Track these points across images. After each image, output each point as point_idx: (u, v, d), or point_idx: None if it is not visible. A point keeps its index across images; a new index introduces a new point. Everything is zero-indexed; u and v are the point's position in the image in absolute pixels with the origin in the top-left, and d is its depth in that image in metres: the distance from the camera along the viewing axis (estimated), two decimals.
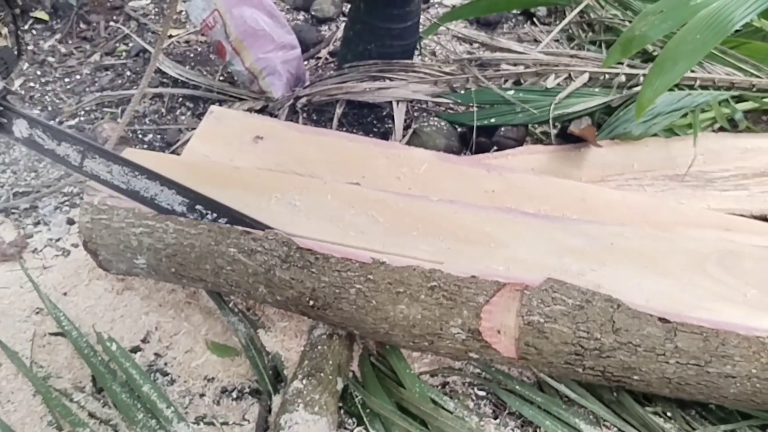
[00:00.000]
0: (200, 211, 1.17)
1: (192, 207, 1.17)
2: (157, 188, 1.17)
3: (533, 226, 1.23)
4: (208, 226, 1.15)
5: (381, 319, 1.12)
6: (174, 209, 1.17)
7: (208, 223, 1.15)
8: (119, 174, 1.18)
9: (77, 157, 1.18)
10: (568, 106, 1.64)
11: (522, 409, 1.14)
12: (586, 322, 1.05)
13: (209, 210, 1.16)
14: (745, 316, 1.06)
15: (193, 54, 2.12)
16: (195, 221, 1.16)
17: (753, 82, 1.72)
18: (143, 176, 1.17)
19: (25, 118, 1.18)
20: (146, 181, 1.17)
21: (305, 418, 1.03)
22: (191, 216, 1.17)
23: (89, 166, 1.18)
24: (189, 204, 1.17)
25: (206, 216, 1.16)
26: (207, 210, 1.16)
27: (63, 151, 1.19)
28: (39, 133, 1.18)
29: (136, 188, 1.18)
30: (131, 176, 1.17)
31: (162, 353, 1.23)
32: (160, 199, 1.18)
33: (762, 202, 1.42)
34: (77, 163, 1.19)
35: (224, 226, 1.14)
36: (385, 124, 1.80)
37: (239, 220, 1.15)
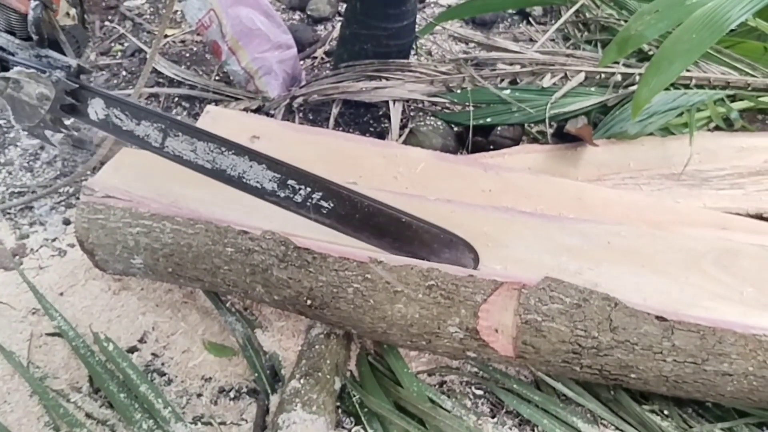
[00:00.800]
0: (292, 187, 1.10)
1: (284, 182, 1.10)
2: (246, 164, 1.10)
3: (530, 225, 1.23)
4: (206, 225, 1.15)
5: (379, 319, 1.12)
6: (263, 186, 1.11)
7: (205, 223, 1.15)
8: (204, 152, 1.11)
9: (158, 136, 1.11)
10: (564, 105, 1.65)
11: (520, 407, 1.14)
12: (583, 320, 1.05)
13: (303, 184, 1.10)
14: (741, 314, 1.07)
15: (189, 54, 2.11)
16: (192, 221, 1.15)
17: (748, 82, 1.72)
18: (231, 152, 1.10)
19: (101, 97, 1.10)
20: (234, 157, 1.10)
21: (303, 418, 1.03)
22: (282, 193, 1.11)
23: (171, 146, 1.11)
24: (281, 179, 1.10)
25: (299, 191, 1.10)
26: (300, 185, 1.10)
27: (143, 132, 1.11)
28: (117, 113, 1.10)
29: (223, 166, 1.11)
30: (217, 153, 1.10)
31: (159, 353, 1.23)
32: (248, 177, 1.11)
33: (758, 200, 1.43)
34: (158, 144, 1.11)
35: (221, 225, 1.13)
36: (381, 124, 1.80)
37: (336, 192, 1.10)
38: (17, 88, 1.07)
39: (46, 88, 1.07)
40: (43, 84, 1.06)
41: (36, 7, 1.04)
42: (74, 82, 1.09)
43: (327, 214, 1.13)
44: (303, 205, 1.12)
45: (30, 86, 1.07)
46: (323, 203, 1.12)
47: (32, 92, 1.07)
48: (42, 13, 1.05)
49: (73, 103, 1.10)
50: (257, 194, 1.13)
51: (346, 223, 1.13)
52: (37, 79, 1.06)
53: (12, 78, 1.07)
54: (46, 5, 1.06)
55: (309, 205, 1.12)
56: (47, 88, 1.07)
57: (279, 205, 1.13)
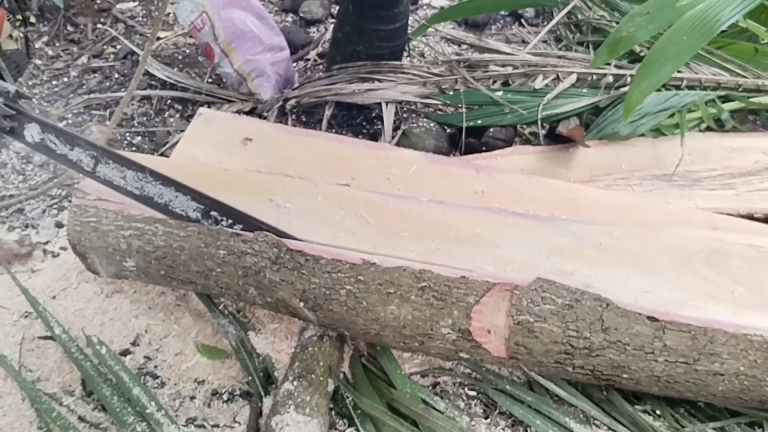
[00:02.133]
0: (215, 218, 1.15)
1: (207, 213, 1.15)
2: (172, 194, 1.15)
3: (522, 226, 1.23)
4: (198, 228, 1.15)
5: (372, 320, 1.12)
6: (188, 215, 1.15)
7: (197, 225, 1.15)
8: (133, 179, 1.15)
9: (90, 162, 1.15)
10: (556, 106, 1.65)
11: (512, 408, 1.15)
12: (575, 321, 1.05)
13: (224, 216, 1.14)
14: (732, 314, 1.07)
15: (182, 56, 2.11)
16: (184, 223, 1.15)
17: (739, 82, 1.73)
18: (158, 182, 1.15)
19: (37, 123, 1.15)
20: (160, 186, 1.15)
21: (296, 420, 1.03)
22: (205, 222, 1.15)
23: (102, 172, 1.16)
24: (204, 210, 1.15)
25: (221, 222, 1.14)
26: (222, 216, 1.14)
27: (76, 156, 1.16)
28: (51, 138, 1.15)
29: (150, 194, 1.15)
30: (145, 182, 1.15)
31: (152, 356, 1.23)
32: (174, 206, 1.15)
33: (748, 201, 1.43)
34: (90, 169, 1.16)
35: (213, 228, 1.14)
36: (374, 126, 1.81)
37: (255, 227, 1.14)
38: None
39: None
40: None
41: None
42: (12, 108, 1.12)
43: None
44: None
45: None
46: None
47: None
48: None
49: (11, 125, 1.14)
50: (183, 221, 1.17)
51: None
52: None
53: None
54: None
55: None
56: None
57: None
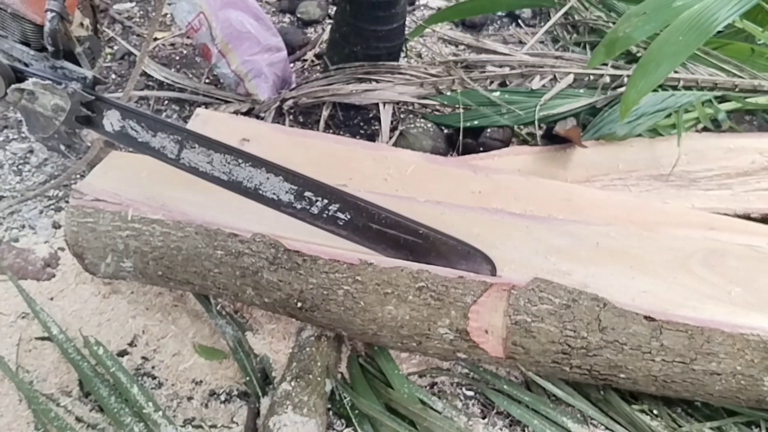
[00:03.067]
0: (309, 198, 1.10)
1: (300, 194, 1.10)
2: (263, 176, 1.10)
3: (520, 226, 1.24)
4: (195, 228, 1.14)
5: (369, 321, 1.12)
6: (280, 198, 1.11)
7: (195, 226, 1.14)
8: (220, 164, 1.10)
9: (174, 148, 1.10)
10: (553, 107, 1.66)
11: (510, 408, 1.15)
12: (572, 321, 1.05)
13: (320, 196, 1.10)
14: (729, 313, 1.08)
15: (179, 57, 2.11)
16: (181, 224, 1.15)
17: (735, 83, 1.74)
18: (247, 164, 1.10)
19: (117, 109, 1.10)
20: (250, 169, 1.10)
21: (294, 420, 1.03)
22: (298, 204, 1.10)
23: (187, 158, 1.11)
24: (297, 191, 1.10)
25: (315, 203, 1.10)
26: (317, 196, 1.10)
27: (159, 143, 1.11)
28: (132, 125, 1.10)
29: (239, 178, 1.11)
30: (234, 165, 1.10)
31: (149, 357, 1.23)
32: (265, 189, 1.11)
33: (745, 201, 1.44)
34: (174, 155, 1.11)
35: (211, 228, 1.13)
36: (371, 126, 1.81)
37: (353, 204, 1.10)
38: (32, 99, 1.06)
39: (62, 100, 1.06)
40: (58, 95, 1.05)
41: (53, 18, 1.03)
42: (90, 94, 1.08)
43: (343, 226, 1.13)
44: (319, 216, 1.12)
45: (45, 97, 1.06)
46: (340, 215, 1.12)
47: (47, 103, 1.06)
48: (58, 25, 1.04)
49: (89, 114, 1.09)
50: (273, 206, 1.12)
51: (363, 234, 1.13)
52: (53, 91, 1.05)
53: (27, 89, 1.06)
54: (63, 17, 1.04)
55: (325, 217, 1.12)
56: (62, 100, 1.06)
57: (295, 216, 1.13)
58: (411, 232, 1.12)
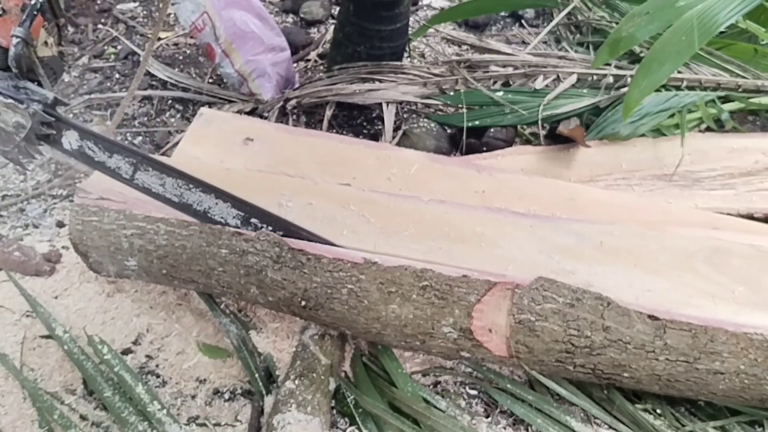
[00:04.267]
0: (255, 225, 1.14)
1: (247, 220, 1.15)
2: (212, 201, 1.14)
3: (523, 225, 1.24)
4: (200, 227, 1.15)
5: (373, 319, 1.12)
6: (227, 222, 1.15)
7: (199, 224, 1.15)
8: (172, 187, 1.14)
9: (129, 169, 1.14)
10: (556, 107, 1.66)
11: (513, 407, 1.15)
12: (576, 320, 1.05)
13: (264, 223, 1.14)
14: (733, 313, 1.08)
15: (183, 56, 2.11)
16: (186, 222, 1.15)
17: (739, 83, 1.74)
18: (198, 189, 1.14)
19: (75, 130, 1.13)
20: (200, 194, 1.14)
21: (298, 419, 1.03)
22: (244, 230, 1.14)
23: (141, 179, 1.14)
24: (244, 217, 1.15)
25: (260, 229, 1.14)
26: (263, 224, 1.14)
27: (114, 164, 1.14)
28: (90, 145, 1.13)
29: (189, 201, 1.15)
30: (185, 189, 1.14)
31: (153, 355, 1.23)
32: (213, 213, 1.15)
33: (748, 200, 1.44)
34: (128, 176, 1.14)
35: (215, 226, 1.14)
36: (375, 126, 1.81)
37: (297, 234, 1.14)
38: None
39: (23, 119, 1.08)
40: (20, 114, 1.08)
41: (18, 44, 1.06)
42: (50, 115, 1.11)
43: None
44: None
45: (7, 114, 1.08)
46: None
47: (9, 120, 1.09)
48: (23, 50, 1.08)
49: (49, 132, 1.12)
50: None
51: None
52: (14, 109, 1.08)
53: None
54: (27, 42, 1.08)
55: None
56: (24, 119, 1.08)
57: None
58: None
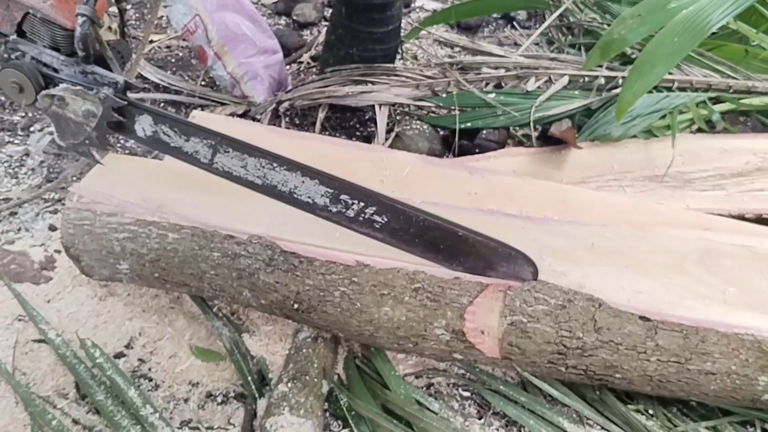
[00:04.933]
0: (345, 201, 1.09)
1: (336, 197, 1.09)
2: (298, 180, 1.08)
3: (515, 227, 1.24)
4: (192, 230, 1.15)
5: (365, 322, 1.12)
6: (315, 201, 1.10)
7: (191, 228, 1.15)
8: (254, 168, 1.08)
9: (208, 152, 1.08)
10: (548, 108, 1.66)
11: (506, 408, 1.15)
12: (568, 321, 1.06)
13: (356, 199, 1.09)
14: (724, 313, 1.08)
15: (175, 59, 2.11)
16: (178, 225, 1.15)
17: (730, 84, 1.75)
18: (282, 167, 1.08)
19: (149, 114, 1.08)
20: (285, 173, 1.08)
21: (291, 422, 1.03)
22: (334, 208, 1.09)
23: (220, 162, 1.09)
24: (333, 194, 1.09)
25: (351, 206, 1.09)
26: (353, 199, 1.09)
27: (192, 148, 1.09)
28: (165, 129, 1.08)
29: (274, 182, 1.09)
30: (268, 169, 1.08)
31: (146, 359, 1.23)
32: (299, 192, 1.09)
33: (740, 201, 1.44)
34: (207, 160, 1.09)
35: (207, 230, 1.13)
36: (367, 128, 1.81)
37: (390, 207, 1.09)
38: (62, 105, 1.05)
39: (93, 105, 1.05)
40: (89, 101, 1.04)
41: (84, 22, 1.01)
42: (122, 99, 1.06)
43: (380, 229, 1.11)
44: (355, 219, 1.11)
45: (76, 103, 1.05)
46: (376, 218, 1.10)
47: (78, 109, 1.05)
48: (89, 29, 1.02)
49: (120, 119, 1.08)
50: (308, 209, 1.11)
51: (400, 237, 1.12)
52: (84, 96, 1.04)
53: (58, 95, 1.05)
54: (94, 21, 1.02)
55: (361, 220, 1.11)
56: (94, 105, 1.05)
57: (330, 219, 1.11)
58: (450, 234, 1.11)
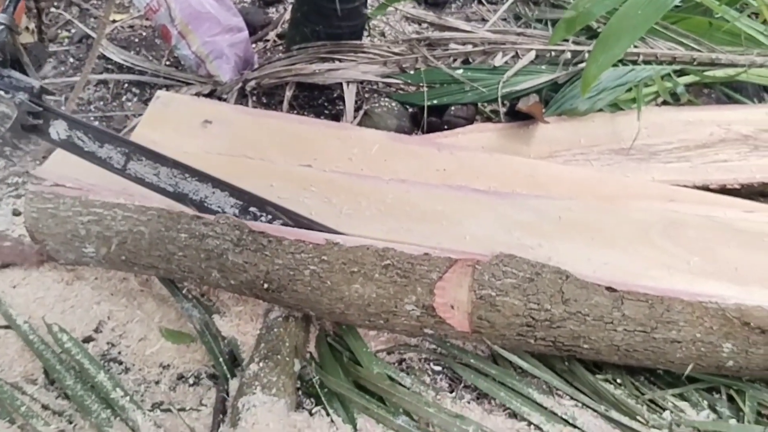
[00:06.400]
0: (254, 213, 1.13)
1: (245, 209, 1.14)
2: (208, 190, 1.13)
3: (484, 202, 1.25)
4: (158, 211, 1.13)
5: (336, 299, 1.12)
6: (225, 212, 1.14)
7: (157, 209, 1.13)
8: (167, 176, 1.13)
9: (121, 159, 1.12)
10: (516, 83, 1.67)
11: (477, 381, 1.16)
12: (536, 294, 1.07)
13: (264, 212, 1.13)
14: (688, 282, 1.10)
15: (138, 39, 2.07)
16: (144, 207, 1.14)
17: (694, 56, 1.76)
18: (194, 178, 1.13)
19: (64, 119, 1.11)
20: (196, 183, 1.13)
21: (263, 401, 1.03)
22: (242, 218, 1.13)
23: (133, 169, 1.13)
24: (242, 206, 1.14)
25: (260, 218, 1.13)
26: (261, 212, 1.13)
27: (105, 154, 1.13)
28: (79, 135, 1.11)
29: (185, 191, 1.13)
30: (180, 178, 1.13)
31: (115, 342, 1.22)
32: (210, 202, 1.14)
33: (704, 172, 1.46)
34: (120, 166, 1.13)
35: (174, 211, 1.13)
36: (336, 106, 1.80)
37: (298, 221, 1.13)
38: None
39: (8, 108, 1.06)
40: (5, 104, 1.06)
41: (1, 31, 1.04)
42: (37, 104, 1.08)
43: None
44: None
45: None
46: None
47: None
48: (7, 37, 1.05)
49: (35, 123, 1.09)
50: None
51: None
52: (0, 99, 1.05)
53: None
54: (12, 29, 1.06)
55: None
56: (9, 109, 1.06)
57: None
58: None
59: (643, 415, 1.11)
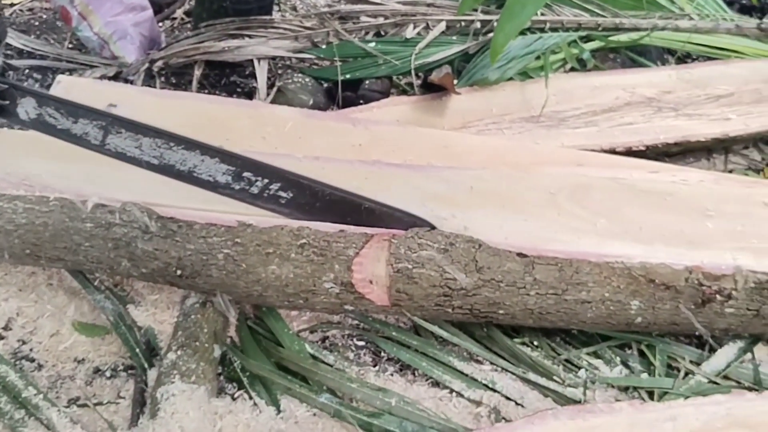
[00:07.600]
0: (248, 179, 1.08)
1: (239, 175, 1.07)
2: (197, 159, 1.06)
3: (398, 176, 1.26)
4: (60, 201, 1.09)
5: (253, 282, 1.11)
6: (216, 180, 1.08)
7: (59, 199, 1.09)
8: (150, 148, 1.05)
9: (98, 134, 1.04)
10: (428, 55, 1.67)
11: (399, 354, 1.18)
12: (451, 264, 1.08)
13: (259, 176, 1.07)
14: (595, 244, 1.14)
15: (39, 22, 1.99)
16: (45, 198, 1.09)
17: (599, 22, 1.81)
18: (180, 147, 1.05)
19: (33, 96, 1.03)
20: (183, 152, 1.06)
21: (182, 389, 1.02)
22: (236, 185, 1.08)
23: (113, 143, 1.05)
24: (235, 172, 1.07)
25: (255, 183, 1.08)
26: (257, 176, 1.07)
27: (81, 130, 1.05)
28: (50, 111, 1.04)
29: (171, 162, 1.06)
30: (165, 149, 1.05)
31: (26, 339, 1.17)
32: (200, 171, 1.07)
33: (610, 136, 1.51)
34: (98, 142, 1.05)
35: (76, 200, 1.08)
36: (249, 84, 1.77)
37: (295, 182, 1.09)
38: None
39: None
40: None
41: None
42: (2, 82, 1.01)
43: (285, 204, 1.12)
44: (260, 196, 1.11)
45: None
46: (282, 193, 1.10)
47: None
48: None
49: (1, 103, 1.03)
50: (209, 188, 1.09)
51: (306, 211, 1.13)
52: None
53: None
54: None
55: (266, 196, 1.11)
56: None
57: (233, 197, 1.10)
58: (355, 206, 1.13)
59: (560, 375, 1.15)
